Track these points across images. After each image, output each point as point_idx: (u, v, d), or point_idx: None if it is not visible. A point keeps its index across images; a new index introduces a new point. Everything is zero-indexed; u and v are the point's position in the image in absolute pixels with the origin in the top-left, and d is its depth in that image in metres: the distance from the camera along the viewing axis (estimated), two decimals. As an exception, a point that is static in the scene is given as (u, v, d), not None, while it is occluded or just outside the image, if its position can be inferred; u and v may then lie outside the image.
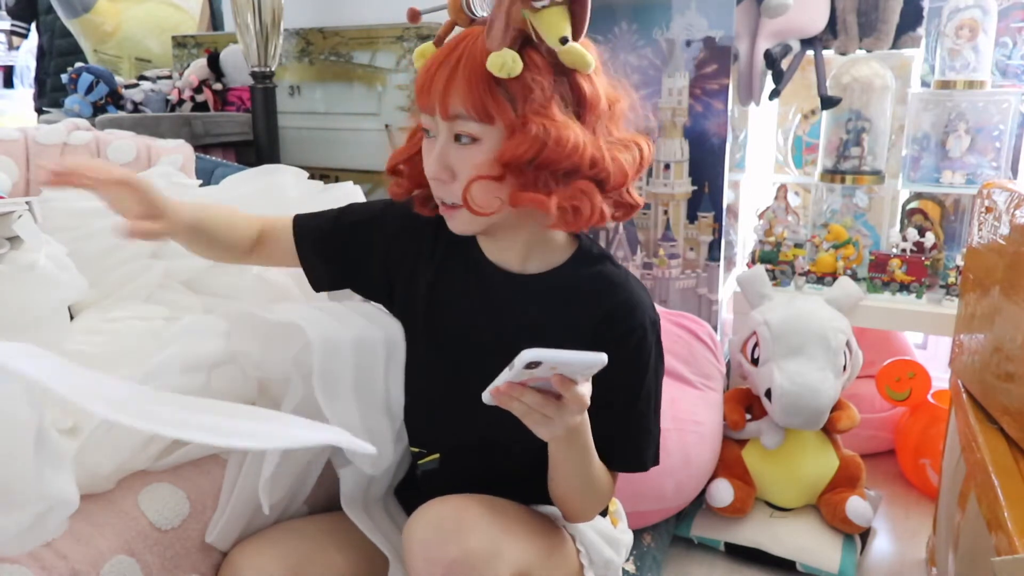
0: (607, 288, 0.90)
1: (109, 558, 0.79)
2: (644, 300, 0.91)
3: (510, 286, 0.92)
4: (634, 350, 0.89)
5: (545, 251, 0.92)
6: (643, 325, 0.89)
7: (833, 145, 1.85)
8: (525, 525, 0.89)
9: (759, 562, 1.53)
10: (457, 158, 0.81)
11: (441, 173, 0.82)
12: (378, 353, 0.93)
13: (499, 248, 0.92)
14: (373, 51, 1.94)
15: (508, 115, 0.78)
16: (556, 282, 0.91)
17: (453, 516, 0.80)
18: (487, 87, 0.78)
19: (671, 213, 1.73)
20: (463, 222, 0.85)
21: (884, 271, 1.75)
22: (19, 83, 5.00)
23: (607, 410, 0.86)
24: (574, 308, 0.90)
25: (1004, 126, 1.72)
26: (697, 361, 1.59)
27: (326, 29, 2.04)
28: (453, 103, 0.79)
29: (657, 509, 1.48)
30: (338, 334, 0.91)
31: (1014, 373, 1.05)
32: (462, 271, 0.95)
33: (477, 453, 0.94)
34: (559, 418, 0.74)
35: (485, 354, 0.89)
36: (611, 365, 0.85)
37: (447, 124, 0.81)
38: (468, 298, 0.94)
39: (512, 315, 0.92)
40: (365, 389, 0.93)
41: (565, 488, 0.89)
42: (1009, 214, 1.12)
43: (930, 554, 1.48)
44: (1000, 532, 0.89)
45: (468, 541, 0.78)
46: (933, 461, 1.72)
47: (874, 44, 1.79)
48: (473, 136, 0.80)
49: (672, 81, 1.66)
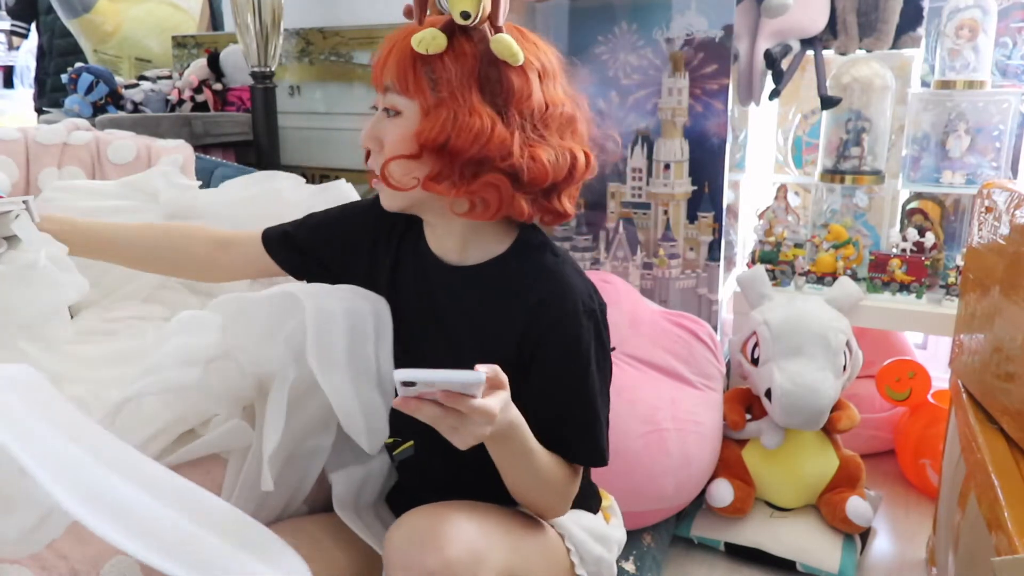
0: (540, 277, 0.90)
1: (109, 558, 0.79)
2: (578, 287, 0.90)
3: (448, 278, 0.93)
4: (570, 338, 0.88)
5: (482, 241, 0.92)
6: (575, 311, 0.88)
7: (833, 145, 1.85)
8: (508, 528, 0.89)
9: (759, 562, 1.53)
10: (383, 129, 0.86)
11: (369, 142, 0.88)
12: (368, 325, 0.93)
13: (438, 238, 0.94)
14: (373, 51, 1.94)
15: (425, 92, 0.82)
16: (491, 273, 0.92)
17: (431, 525, 0.80)
18: (411, 63, 0.82)
19: (671, 213, 1.73)
20: (388, 197, 0.90)
21: (884, 271, 1.75)
22: (19, 83, 5.00)
23: (551, 402, 0.87)
24: (508, 299, 0.90)
25: (1004, 126, 1.72)
26: (697, 361, 1.59)
27: (326, 29, 2.04)
28: (386, 76, 0.85)
29: (657, 509, 1.48)
30: (330, 304, 0.91)
31: (1014, 373, 1.05)
32: (411, 261, 0.97)
33: (443, 450, 0.94)
34: (465, 429, 0.73)
35: (432, 343, 0.93)
36: (549, 355, 0.87)
37: (381, 97, 0.86)
38: (416, 288, 0.96)
39: (451, 307, 0.93)
40: (358, 361, 0.92)
41: (518, 488, 0.89)
42: (1009, 214, 1.12)
43: (930, 554, 1.49)
44: (1000, 532, 0.89)
45: (447, 550, 0.77)
46: (933, 461, 1.72)
47: (874, 44, 1.79)
48: (396, 109, 0.85)
49: (672, 81, 1.66)
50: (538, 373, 0.88)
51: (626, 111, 1.71)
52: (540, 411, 0.87)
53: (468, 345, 0.92)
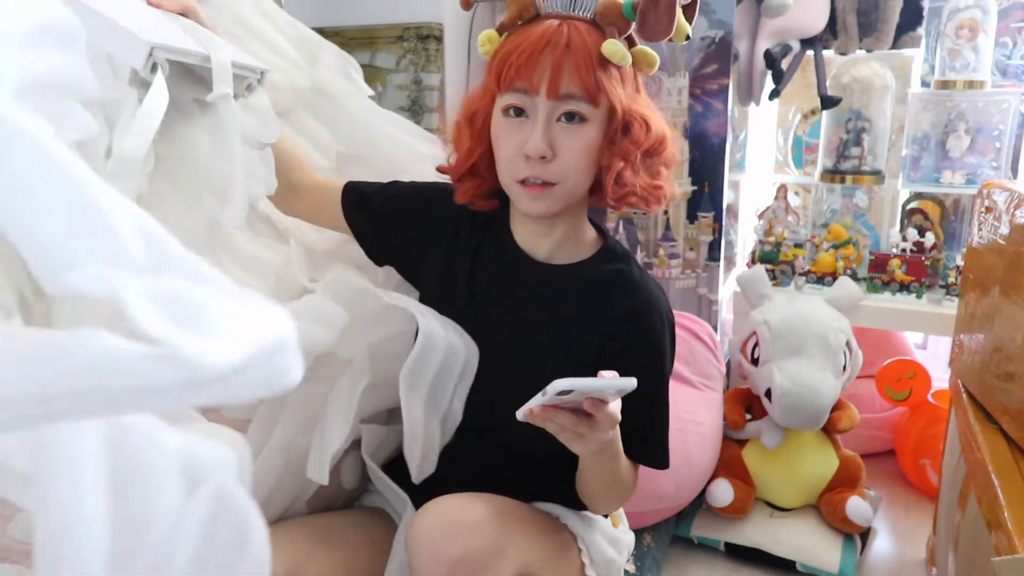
0: (627, 287, 0.93)
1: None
2: (661, 301, 0.94)
3: (536, 275, 0.94)
4: (652, 349, 0.92)
5: (575, 243, 0.95)
6: (661, 324, 0.92)
7: (833, 145, 1.85)
8: (528, 524, 0.90)
9: (759, 562, 1.53)
10: (562, 137, 0.84)
11: (546, 150, 0.84)
12: (457, 366, 0.94)
13: (533, 234, 0.94)
14: (373, 51, 1.94)
15: (620, 98, 0.84)
16: (579, 275, 0.94)
17: (458, 514, 0.81)
18: (601, 71, 0.82)
19: (671, 213, 1.73)
20: (550, 203, 0.87)
21: (884, 271, 1.75)
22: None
23: (628, 406, 0.87)
24: (594, 303, 0.92)
25: (1004, 126, 1.72)
26: (697, 361, 1.59)
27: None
28: (565, 84, 0.82)
29: (657, 509, 1.48)
30: (439, 333, 0.92)
31: (1014, 373, 1.05)
32: (494, 253, 0.97)
33: (480, 440, 0.96)
34: (592, 435, 0.75)
35: (510, 336, 0.93)
36: (631, 362, 0.88)
37: (551, 103, 0.83)
38: (498, 281, 0.96)
39: (534, 303, 0.94)
40: (436, 395, 0.94)
41: (594, 488, 0.91)
42: (1009, 214, 1.12)
43: (930, 554, 1.49)
44: (1000, 532, 0.89)
45: (473, 540, 0.78)
46: (933, 461, 1.72)
47: (874, 44, 1.79)
48: (583, 115, 0.83)
49: (672, 81, 1.66)
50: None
51: (626, 111, 1.71)
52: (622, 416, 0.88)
53: (550, 343, 0.93)
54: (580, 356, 0.92)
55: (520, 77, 0.82)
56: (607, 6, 0.84)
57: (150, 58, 0.76)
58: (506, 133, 0.86)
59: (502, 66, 0.84)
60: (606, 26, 0.84)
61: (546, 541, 0.91)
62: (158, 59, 0.77)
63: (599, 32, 0.84)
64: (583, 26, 0.83)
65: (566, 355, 0.92)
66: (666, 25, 0.82)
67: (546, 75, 0.82)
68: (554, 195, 0.86)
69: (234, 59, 0.85)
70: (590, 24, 0.84)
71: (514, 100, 0.84)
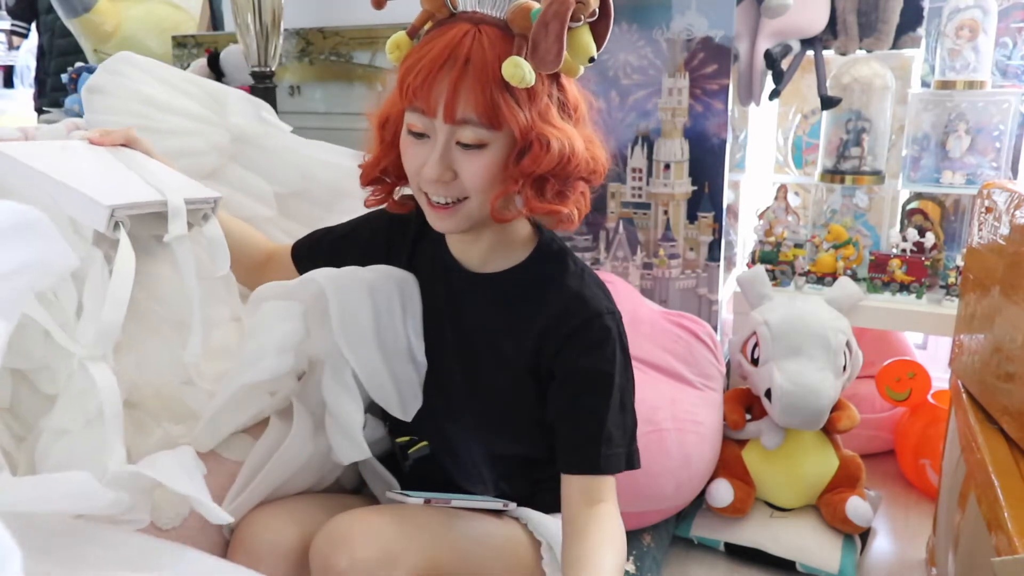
0: (560, 284, 0.91)
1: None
2: (597, 293, 0.91)
3: (468, 284, 0.94)
4: (595, 343, 0.88)
5: (507, 249, 0.93)
6: (599, 315, 0.88)
7: (833, 145, 1.85)
8: (438, 530, 0.88)
9: (759, 562, 1.53)
10: (461, 160, 0.81)
11: (444, 175, 0.82)
12: (394, 300, 0.95)
13: (463, 244, 0.94)
14: (373, 51, 1.94)
15: (520, 122, 0.78)
16: (512, 281, 0.92)
17: (346, 528, 0.83)
18: (500, 94, 0.77)
19: (671, 213, 1.73)
20: (457, 222, 0.86)
21: (884, 271, 1.75)
22: (19, 83, 5.00)
23: (580, 409, 0.87)
24: (528, 306, 0.91)
25: (1004, 126, 1.72)
26: (697, 361, 1.59)
27: (326, 29, 2.04)
28: (461, 108, 0.78)
29: (657, 509, 1.48)
30: (351, 280, 0.93)
31: (1014, 373, 1.05)
32: (428, 265, 0.97)
33: (460, 442, 0.97)
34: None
35: (450, 351, 0.94)
36: (576, 364, 0.87)
37: (449, 127, 0.80)
38: (433, 293, 0.97)
39: (469, 312, 0.94)
40: (386, 336, 0.94)
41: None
42: (1009, 214, 1.12)
43: (930, 554, 1.48)
44: (1000, 532, 0.89)
45: (357, 551, 0.80)
46: (933, 461, 1.72)
47: (874, 44, 1.79)
48: (481, 142, 0.80)
49: (672, 81, 1.66)
50: (563, 382, 0.89)
51: (626, 111, 1.71)
52: (568, 418, 0.87)
53: (485, 352, 0.93)
54: (517, 362, 0.91)
55: (418, 98, 0.79)
56: (516, 12, 0.78)
57: (112, 218, 0.81)
58: (409, 150, 0.84)
59: (403, 81, 0.81)
60: (516, 35, 0.78)
61: (475, 545, 0.90)
62: (119, 218, 0.81)
63: (509, 41, 0.78)
64: (493, 34, 0.78)
65: (504, 367, 0.92)
66: (555, 55, 0.74)
67: (442, 98, 0.78)
68: (461, 213, 0.85)
69: (187, 195, 0.90)
70: (501, 31, 0.78)
71: (414, 121, 0.82)
